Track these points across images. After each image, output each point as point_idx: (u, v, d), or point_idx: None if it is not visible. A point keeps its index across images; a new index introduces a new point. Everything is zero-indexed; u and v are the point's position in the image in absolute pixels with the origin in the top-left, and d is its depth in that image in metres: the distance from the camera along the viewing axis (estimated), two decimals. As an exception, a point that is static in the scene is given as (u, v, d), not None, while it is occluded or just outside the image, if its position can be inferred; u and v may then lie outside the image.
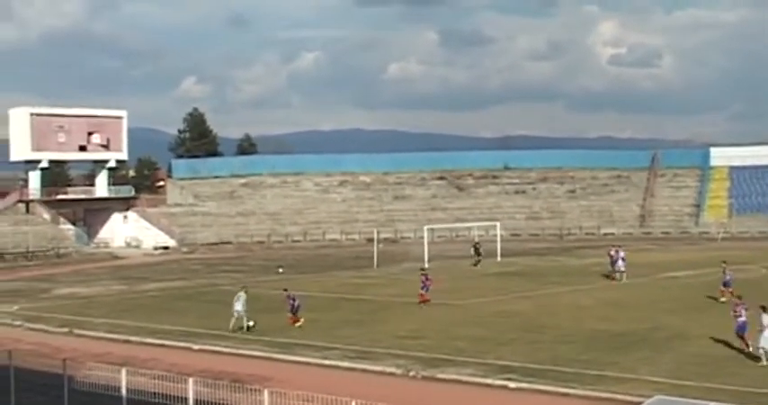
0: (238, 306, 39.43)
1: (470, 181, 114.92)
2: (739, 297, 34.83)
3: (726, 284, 46.03)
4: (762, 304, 31.24)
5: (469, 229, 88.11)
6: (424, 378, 29.91)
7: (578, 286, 53.81)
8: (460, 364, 31.24)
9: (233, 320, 39.42)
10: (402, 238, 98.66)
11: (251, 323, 39.35)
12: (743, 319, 32.25)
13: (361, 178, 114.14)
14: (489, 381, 28.86)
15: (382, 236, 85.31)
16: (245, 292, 40.27)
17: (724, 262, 48.90)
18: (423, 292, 47.08)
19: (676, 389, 26.11)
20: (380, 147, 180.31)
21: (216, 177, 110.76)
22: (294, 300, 41.11)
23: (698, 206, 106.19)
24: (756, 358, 30.54)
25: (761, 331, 30.46)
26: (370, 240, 79.27)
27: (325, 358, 32.98)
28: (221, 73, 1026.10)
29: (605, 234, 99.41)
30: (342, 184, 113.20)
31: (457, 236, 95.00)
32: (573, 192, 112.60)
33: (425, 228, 74.92)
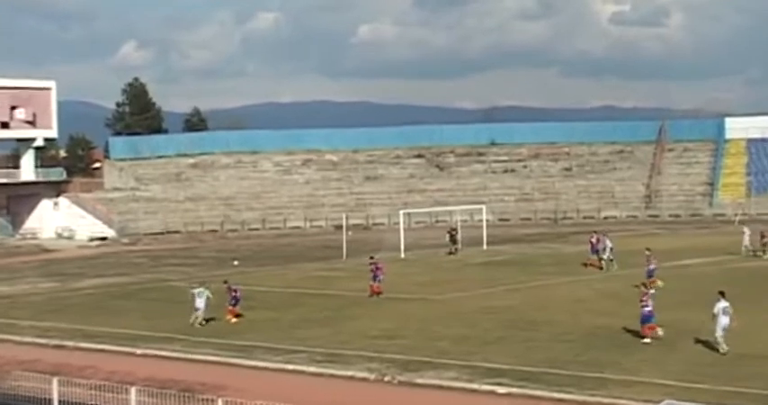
0: (200, 303, 40.67)
1: (452, 159, 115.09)
2: (644, 285, 39.30)
3: (650, 275, 47.81)
4: (720, 290, 33.17)
5: (451, 213, 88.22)
6: (400, 383, 29.94)
7: (575, 277, 54.08)
8: (442, 366, 31.32)
9: (193, 317, 40.78)
10: (374, 224, 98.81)
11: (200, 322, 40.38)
12: (648, 309, 35.23)
13: (328, 157, 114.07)
14: (475, 386, 28.93)
15: (352, 222, 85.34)
16: (207, 289, 41.44)
17: (648, 249, 51.38)
18: (374, 283, 48.06)
19: (687, 393, 26.27)
20: (349, 121, 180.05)
21: (160, 157, 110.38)
22: (236, 292, 42.12)
23: (711, 185, 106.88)
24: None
25: (715, 318, 32.35)
26: (339, 227, 79.16)
27: (288, 362, 32.97)
28: (165, 37, 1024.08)
29: (606, 217, 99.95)
30: (305, 163, 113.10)
31: (437, 221, 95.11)
32: (569, 170, 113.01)
33: (401, 212, 75.09)
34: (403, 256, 66.46)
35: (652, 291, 37.74)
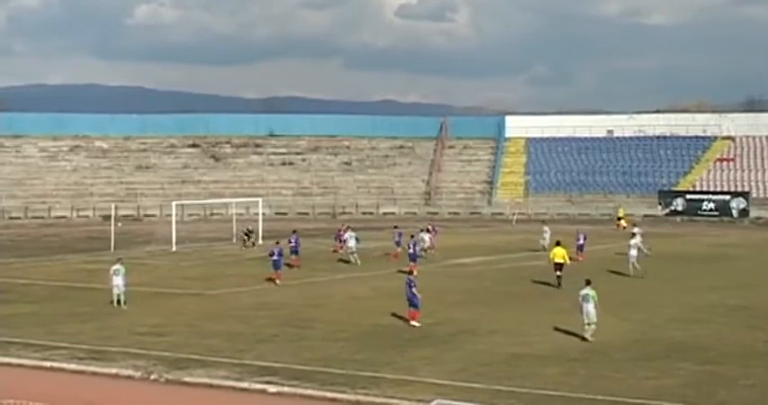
0: (118, 280, 42.67)
1: (229, 149, 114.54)
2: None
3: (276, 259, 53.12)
4: (587, 278, 35.37)
5: (227, 205, 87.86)
6: (168, 382, 29.55)
7: (353, 274, 54.42)
8: (212, 364, 31.06)
9: (114, 296, 42.74)
10: (146, 215, 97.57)
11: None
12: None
13: (98, 143, 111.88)
14: (245, 384, 28.81)
15: (122, 213, 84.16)
16: (122, 264, 43.43)
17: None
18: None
19: (461, 392, 26.80)
20: (122, 106, 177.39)
21: None
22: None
23: (490, 183, 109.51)
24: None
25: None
26: (107, 218, 77.94)
27: (47, 359, 32.08)
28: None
29: (385, 213, 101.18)
30: (73, 149, 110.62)
31: (212, 214, 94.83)
32: (348, 164, 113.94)
33: (174, 204, 74.43)
34: (174, 249, 65.74)
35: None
